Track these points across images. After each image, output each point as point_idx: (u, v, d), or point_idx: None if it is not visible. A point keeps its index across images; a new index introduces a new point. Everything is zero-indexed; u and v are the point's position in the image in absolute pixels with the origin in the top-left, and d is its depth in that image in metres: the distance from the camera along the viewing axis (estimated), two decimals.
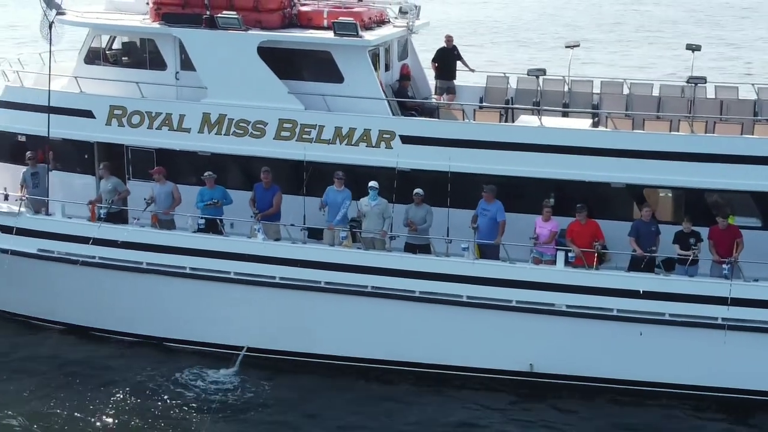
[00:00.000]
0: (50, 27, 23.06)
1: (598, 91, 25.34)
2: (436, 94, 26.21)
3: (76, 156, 24.47)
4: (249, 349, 22.89)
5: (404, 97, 24.15)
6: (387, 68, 24.57)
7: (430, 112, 24.16)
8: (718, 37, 66.33)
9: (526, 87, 25.65)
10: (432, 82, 26.44)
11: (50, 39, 23.13)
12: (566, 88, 25.26)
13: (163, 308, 23.29)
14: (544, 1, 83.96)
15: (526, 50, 60.66)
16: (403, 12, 25.16)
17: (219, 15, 22.93)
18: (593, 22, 70.76)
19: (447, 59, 26.29)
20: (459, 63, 26.45)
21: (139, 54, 24.29)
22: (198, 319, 23.19)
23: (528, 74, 23.90)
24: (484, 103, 24.63)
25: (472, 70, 26.84)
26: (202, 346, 23.32)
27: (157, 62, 24.04)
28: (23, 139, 24.98)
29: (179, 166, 23.71)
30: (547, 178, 22.02)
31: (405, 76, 24.93)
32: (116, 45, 24.92)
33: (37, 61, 26.58)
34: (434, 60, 26.30)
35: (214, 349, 23.23)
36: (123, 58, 24.62)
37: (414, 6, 25.43)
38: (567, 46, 26.42)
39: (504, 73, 26.58)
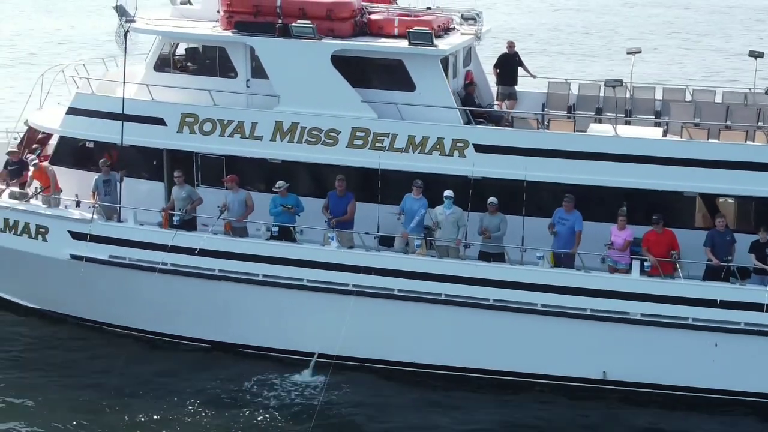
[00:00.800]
0: (126, 35, 23.18)
1: (660, 98, 25.51)
2: (497, 100, 26.38)
3: (144, 162, 24.60)
4: (320, 356, 23.06)
5: (471, 104, 24.27)
6: (454, 75, 24.70)
7: (498, 119, 24.29)
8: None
9: (587, 93, 25.81)
10: (493, 87, 26.60)
11: (125, 47, 23.26)
12: (628, 95, 25.39)
13: (235, 315, 23.45)
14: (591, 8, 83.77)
15: (582, 57, 60.74)
16: (466, 19, 25.28)
17: (293, 24, 23.04)
18: (642, 29, 70.94)
19: (509, 65, 26.45)
20: (520, 69, 26.62)
21: (208, 62, 24.41)
22: (270, 326, 23.36)
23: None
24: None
25: (534, 76, 27.01)
26: (274, 353, 23.50)
27: (227, 70, 24.16)
28: (91, 145, 25.17)
29: (249, 173, 23.85)
30: (621, 186, 22.15)
31: (470, 82, 25.04)
32: (179, 51, 25.06)
33: (99, 67, 26.74)
34: (496, 66, 26.47)
35: (286, 355, 23.42)
36: (191, 66, 24.73)
37: (477, 13, 25.59)
38: (629, 53, 26.54)
39: (566, 79, 26.72)
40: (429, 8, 24.90)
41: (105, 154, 24.58)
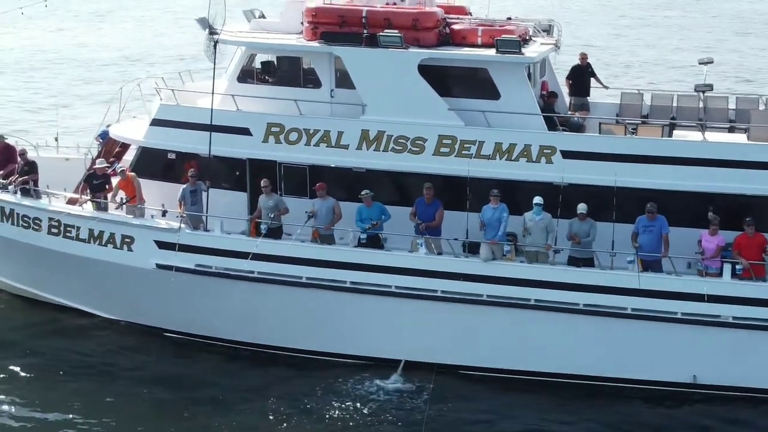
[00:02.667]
0: (215, 47, 23.48)
1: (734, 107, 25.72)
2: (570, 110, 26.59)
3: (227, 173, 24.83)
4: (407, 363, 23.19)
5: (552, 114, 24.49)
6: (533, 84, 24.93)
7: (577, 128, 24.49)
8: None
9: (660, 103, 26.02)
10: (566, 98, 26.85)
11: (215, 58, 23.56)
12: (701, 104, 25.58)
13: (322, 322, 23.60)
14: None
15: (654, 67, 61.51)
16: (541, 30, 25.59)
17: (381, 33, 23.32)
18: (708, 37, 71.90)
19: (581, 76, 26.68)
20: (592, 80, 26.86)
21: (292, 73, 24.69)
22: (357, 333, 23.51)
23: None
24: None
25: (607, 87, 27.27)
26: (361, 360, 23.63)
27: (311, 80, 24.44)
28: (173, 156, 25.42)
29: (333, 182, 24.01)
30: (708, 191, 22.33)
31: (551, 93, 25.28)
32: (260, 63, 25.36)
33: (176, 81, 27.05)
34: (569, 77, 26.70)
35: (371, 362, 23.55)
36: (274, 77, 24.99)
37: (550, 24, 25.91)
38: (700, 63, 26.80)
39: (638, 90, 26.95)
40: (509, 18, 25.19)
41: (187, 164, 24.86)
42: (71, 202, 25.70)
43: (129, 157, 27.09)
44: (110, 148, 27.21)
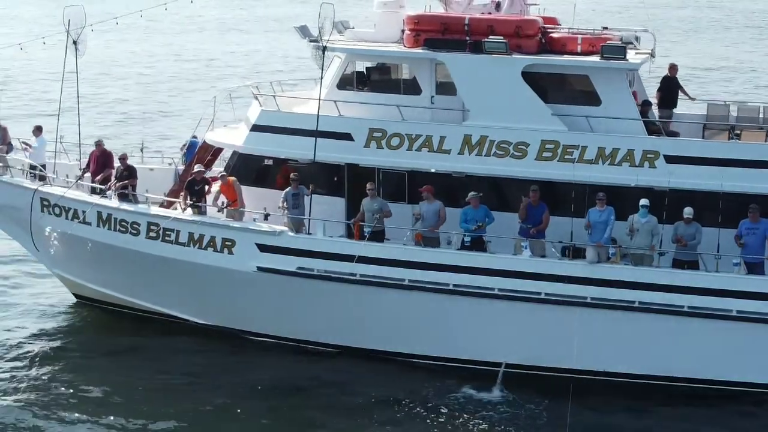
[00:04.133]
0: (323, 53, 23.89)
1: None
2: None
3: (325, 178, 25.14)
4: (507, 365, 23.41)
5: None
6: None
7: (672, 135, 24.82)
8: None
9: (747, 115, 26.34)
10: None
11: (323, 63, 23.98)
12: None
13: (425, 325, 23.82)
14: None
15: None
16: (627, 40, 25.98)
17: (486, 40, 23.74)
18: None
19: (671, 88, 26.99)
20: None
21: (392, 79, 25.10)
22: (459, 336, 23.72)
23: None
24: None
25: (693, 99, 27.58)
26: (461, 363, 23.84)
27: (411, 87, 24.85)
28: (270, 163, 25.77)
29: (433, 186, 24.30)
30: None
31: (646, 101, 25.65)
32: (358, 70, 25.77)
33: (267, 88, 27.42)
34: (660, 89, 26.94)
35: (470, 365, 23.77)
36: (373, 84, 25.39)
37: (636, 36, 26.31)
38: None
39: (725, 101, 27.32)
40: (605, 28, 25.63)
41: (282, 169, 25.19)
42: (165, 207, 26.03)
43: (216, 168, 27.53)
44: (203, 155, 27.54)
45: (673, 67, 27.30)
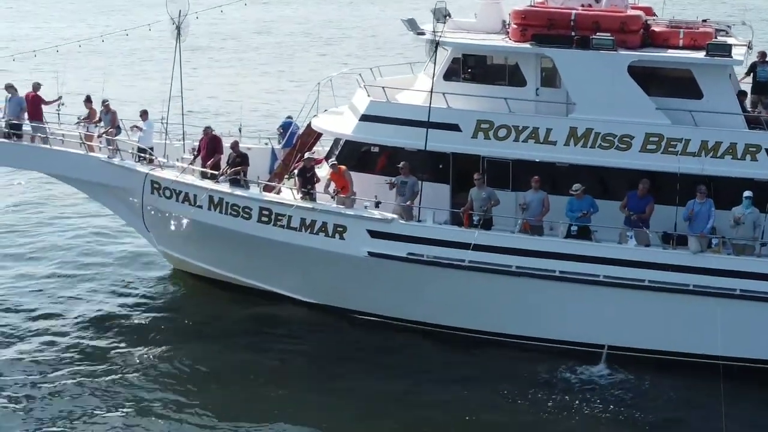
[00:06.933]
0: (437, 47, 24.79)
1: None
2: (750, 107, 27.64)
3: (431, 166, 26.11)
4: (609, 347, 24.55)
5: (743, 111, 25.64)
6: None
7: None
8: None
9: None
10: None
11: (435, 57, 24.89)
12: None
13: (529, 309, 24.95)
14: None
15: None
16: (718, 29, 26.76)
17: (594, 36, 24.57)
18: None
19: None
20: None
21: (497, 72, 25.99)
22: (563, 319, 24.85)
23: None
24: None
25: None
26: (564, 345, 24.98)
27: (516, 79, 25.73)
28: (376, 150, 26.78)
29: (536, 176, 25.25)
30: None
31: (742, 92, 26.42)
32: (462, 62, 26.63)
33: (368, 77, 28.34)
34: (747, 74, 27.72)
35: (570, 347, 24.90)
36: (478, 75, 26.26)
37: (728, 26, 27.06)
38: None
39: None
40: (705, 21, 26.38)
41: (384, 155, 26.22)
42: (267, 189, 27.08)
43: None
44: (306, 140, 28.57)
45: (763, 54, 27.98)
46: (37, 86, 29.40)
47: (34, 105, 29.06)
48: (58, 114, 29.65)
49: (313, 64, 62.05)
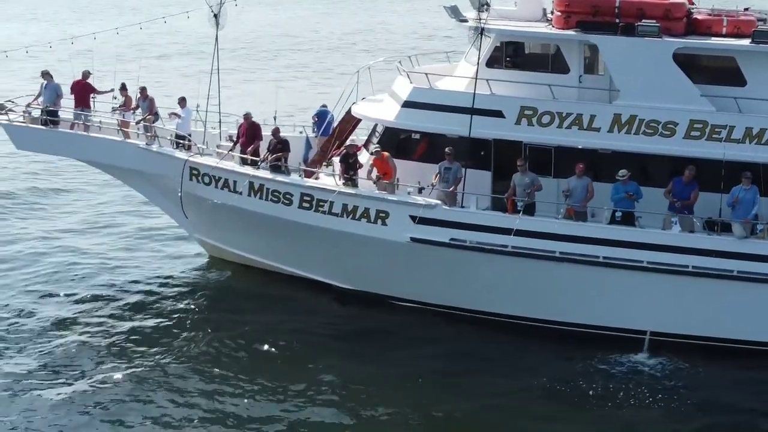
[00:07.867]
0: (481, 34, 24.91)
1: None
2: None
3: (473, 152, 26.19)
4: (652, 333, 24.64)
5: None
6: None
7: None
8: None
9: None
10: None
11: (480, 44, 25.00)
12: None
13: (571, 294, 25.03)
14: None
15: None
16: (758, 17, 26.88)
17: (639, 23, 24.68)
18: None
19: None
20: None
21: (540, 58, 26.10)
22: (605, 305, 24.93)
23: None
24: None
25: None
26: (607, 331, 25.04)
27: (559, 66, 25.84)
28: (417, 136, 26.88)
29: (577, 162, 25.34)
30: None
31: None
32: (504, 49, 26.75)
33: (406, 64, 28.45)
34: None
35: (611, 333, 24.95)
36: (520, 62, 26.38)
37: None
38: None
39: None
40: (747, 9, 26.50)
41: (423, 141, 26.29)
42: (307, 176, 27.16)
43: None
44: (344, 127, 28.67)
45: None
46: (86, 74, 29.58)
47: (82, 92, 29.20)
48: (93, 102, 29.87)
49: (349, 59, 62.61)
